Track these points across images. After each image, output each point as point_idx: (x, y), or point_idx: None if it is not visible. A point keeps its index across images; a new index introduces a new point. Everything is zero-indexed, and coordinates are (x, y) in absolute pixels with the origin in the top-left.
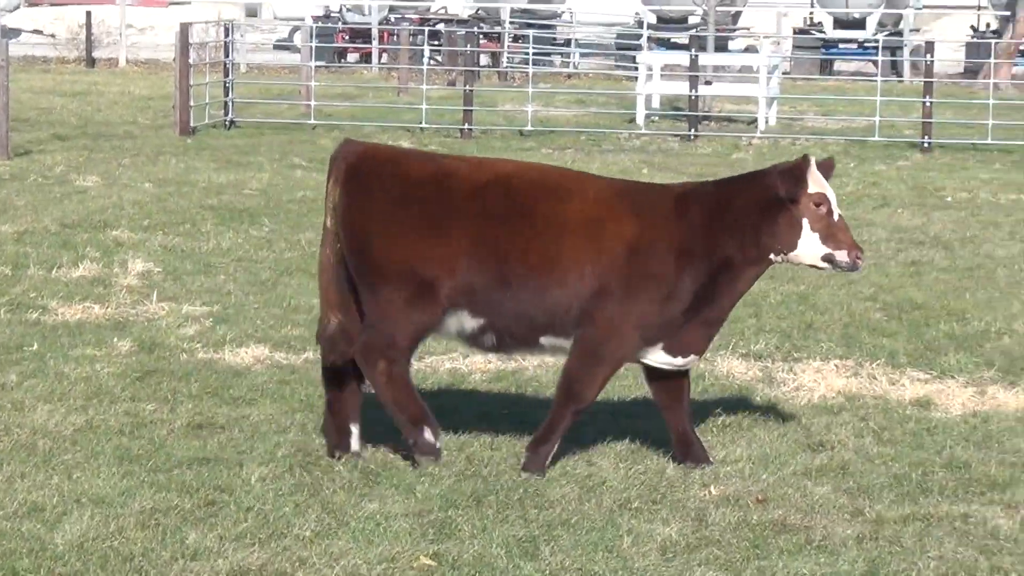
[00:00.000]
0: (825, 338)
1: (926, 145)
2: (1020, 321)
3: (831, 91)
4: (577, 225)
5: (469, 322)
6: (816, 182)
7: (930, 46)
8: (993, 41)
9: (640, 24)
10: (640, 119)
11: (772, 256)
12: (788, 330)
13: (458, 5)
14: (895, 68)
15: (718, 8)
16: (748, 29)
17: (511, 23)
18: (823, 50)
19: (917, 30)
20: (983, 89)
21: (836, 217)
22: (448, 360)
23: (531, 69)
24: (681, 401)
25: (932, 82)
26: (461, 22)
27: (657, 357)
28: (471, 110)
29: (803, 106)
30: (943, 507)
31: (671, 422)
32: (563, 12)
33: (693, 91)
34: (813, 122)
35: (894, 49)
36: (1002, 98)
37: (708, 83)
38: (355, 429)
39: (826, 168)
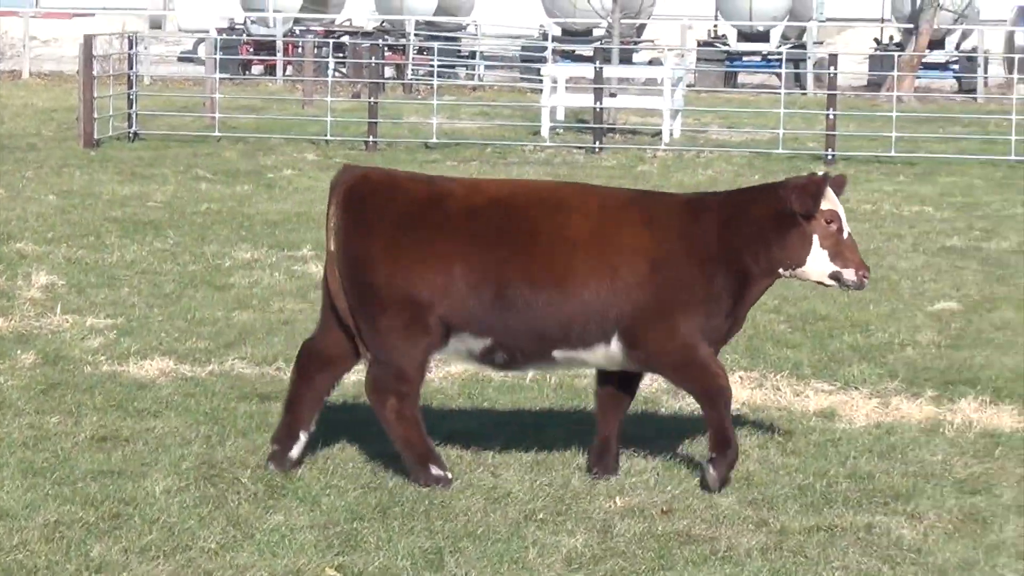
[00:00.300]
0: (730, 350)
1: (830, 158)
2: (923, 332)
3: (735, 104)
4: (586, 238)
5: (475, 343)
6: (828, 199)
7: (833, 59)
8: (896, 54)
9: (545, 36)
10: (545, 131)
11: (781, 270)
12: None
13: (363, 17)
14: (799, 81)
15: (622, 21)
16: (652, 42)
17: (416, 35)
18: (727, 63)
19: (821, 43)
20: (886, 102)
21: (846, 235)
22: (353, 373)
23: (436, 81)
24: (621, 411)
25: (836, 95)
26: (366, 34)
27: None
28: (376, 122)
29: (707, 118)
30: (847, 517)
31: (601, 427)
32: (468, 25)
33: (598, 103)
34: (717, 135)
35: (798, 62)
36: (905, 111)
37: (613, 95)
38: (303, 438)
39: (838, 184)
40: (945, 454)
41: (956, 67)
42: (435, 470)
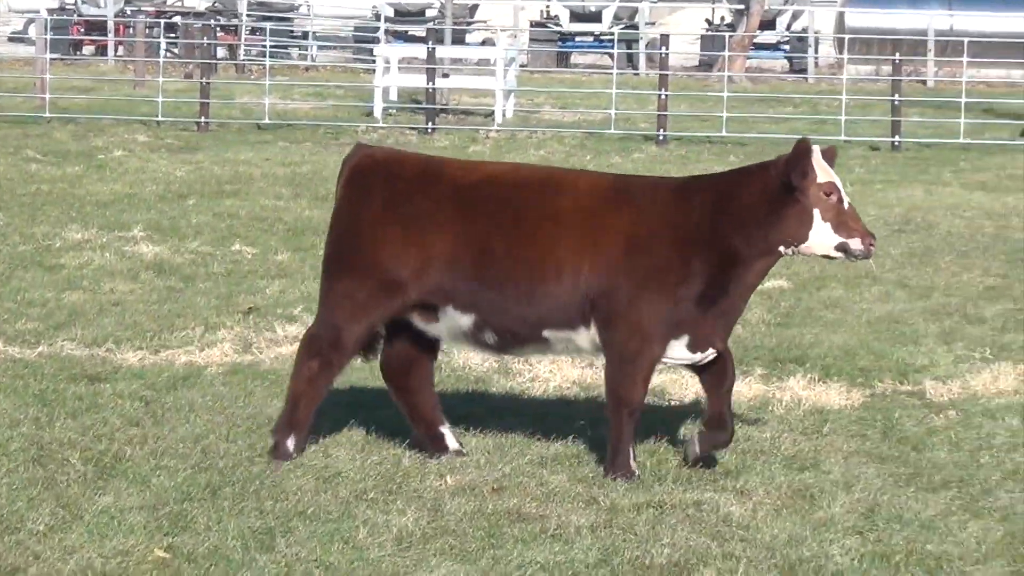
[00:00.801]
0: None
1: (662, 138)
2: (753, 311)
3: (568, 84)
4: (570, 220)
5: (462, 320)
6: (824, 171)
7: (665, 39)
8: (728, 34)
9: (378, 17)
10: (378, 112)
11: (782, 249)
12: None
13: None
14: (631, 61)
15: (455, 1)
16: (485, 22)
17: (248, 16)
18: (560, 43)
19: (653, 23)
20: (718, 82)
21: (846, 205)
22: (184, 354)
23: (268, 62)
24: (724, 385)
25: (667, 75)
26: (198, 15)
27: (678, 353)
28: (208, 103)
29: (540, 99)
30: (676, 495)
31: (712, 403)
32: (300, 5)
33: (430, 84)
34: (550, 115)
35: (630, 42)
36: (736, 91)
37: (446, 76)
38: (446, 430)
39: (829, 156)
40: (774, 431)
41: (787, 47)
42: (289, 443)
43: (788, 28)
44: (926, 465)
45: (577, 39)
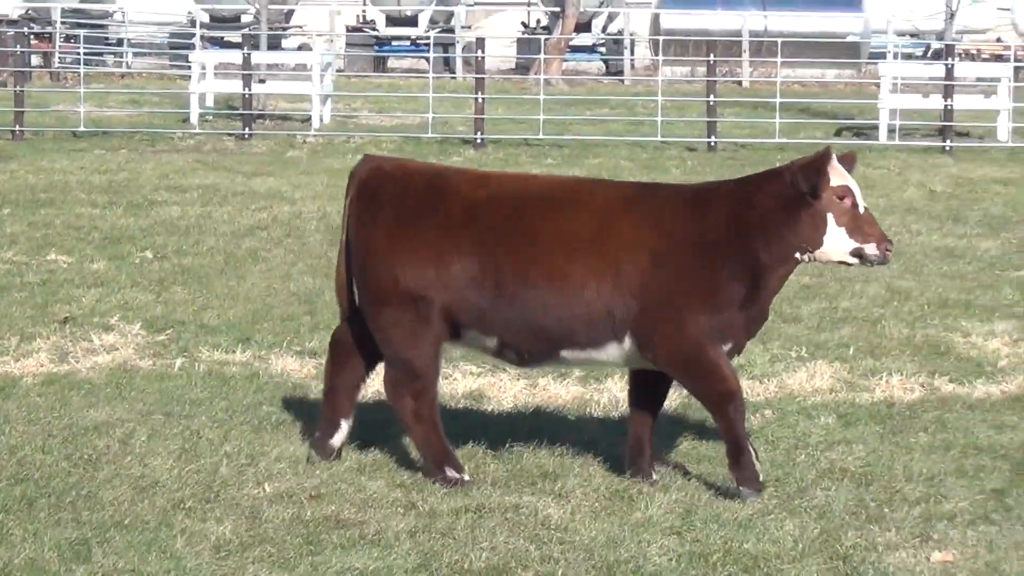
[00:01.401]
0: None
1: (479, 141)
2: None
3: (385, 88)
4: (589, 235)
5: (484, 340)
6: (838, 174)
7: (481, 43)
8: (543, 37)
9: (193, 23)
10: (194, 118)
11: (798, 255)
12: None
13: (8, 5)
14: (448, 65)
15: (270, 7)
16: (301, 27)
17: (62, 23)
18: (376, 48)
19: (469, 27)
20: (534, 85)
21: (862, 209)
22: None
23: (83, 69)
24: (653, 413)
25: (484, 78)
26: (11, 22)
27: None
28: (23, 111)
29: (357, 103)
30: (495, 498)
31: (635, 429)
32: (115, 11)
33: (247, 90)
34: (368, 119)
35: (446, 46)
36: (553, 93)
37: (262, 81)
38: (344, 427)
39: (848, 161)
40: (592, 434)
41: (603, 49)
42: (450, 472)
43: (604, 30)
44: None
45: (394, 43)
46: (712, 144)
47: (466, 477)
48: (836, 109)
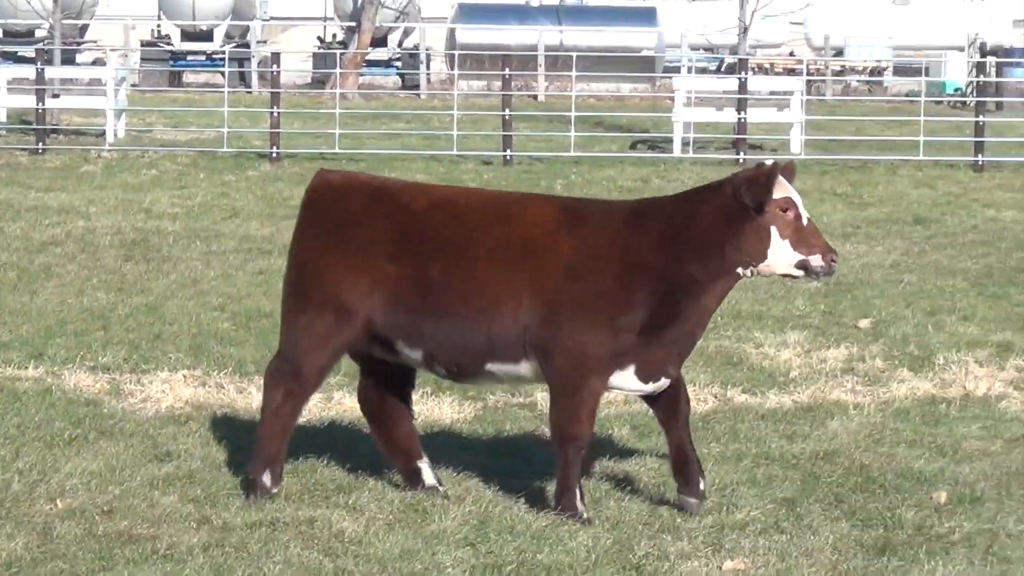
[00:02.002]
0: (174, 349)
1: (275, 155)
2: None
3: (180, 103)
4: (514, 250)
5: (411, 352)
6: (780, 187)
7: (277, 57)
8: (339, 52)
9: None
10: None
11: (740, 270)
12: (137, 342)
13: None
14: (243, 79)
15: (64, 21)
16: (95, 42)
17: None
18: (172, 62)
19: (265, 41)
20: (331, 99)
21: (805, 221)
22: None
23: None
24: (680, 419)
25: (279, 93)
26: None
27: (628, 383)
28: None
29: (152, 118)
30: (289, 512)
31: (670, 440)
32: None
33: (40, 104)
34: (163, 134)
35: (242, 60)
36: (349, 108)
37: (56, 96)
38: (424, 465)
39: (788, 172)
40: None
41: (399, 64)
42: (265, 478)
43: (400, 45)
44: (536, 476)
45: (189, 58)
46: (508, 158)
47: (274, 490)
48: (631, 122)
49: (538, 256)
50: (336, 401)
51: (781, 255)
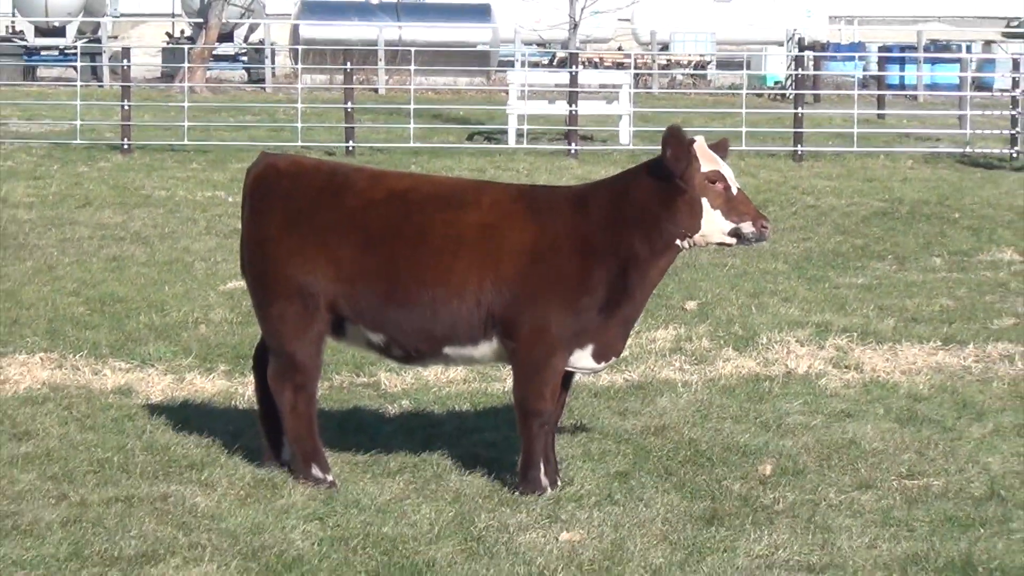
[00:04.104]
0: (30, 332)
1: (126, 147)
2: (216, 311)
3: (34, 96)
4: (472, 235)
5: (371, 336)
6: (708, 159)
7: (127, 52)
8: (187, 47)
9: None
10: None
11: (679, 242)
12: None
13: None
14: (95, 74)
15: None
16: None
17: None
18: (25, 57)
19: (115, 37)
20: (180, 92)
21: (735, 191)
22: None
23: None
24: (557, 419)
25: (130, 86)
26: None
27: (583, 362)
28: None
29: (6, 111)
30: (144, 488)
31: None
32: None
33: None
34: (17, 127)
35: (94, 55)
36: (197, 101)
37: None
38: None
39: (721, 148)
40: (237, 425)
41: (245, 59)
42: (316, 471)
43: (245, 40)
44: (382, 452)
45: (43, 53)
46: (350, 148)
47: (330, 478)
48: (468, 115)
49: (499, 241)
50: (188, 381)
51: (715, 224)
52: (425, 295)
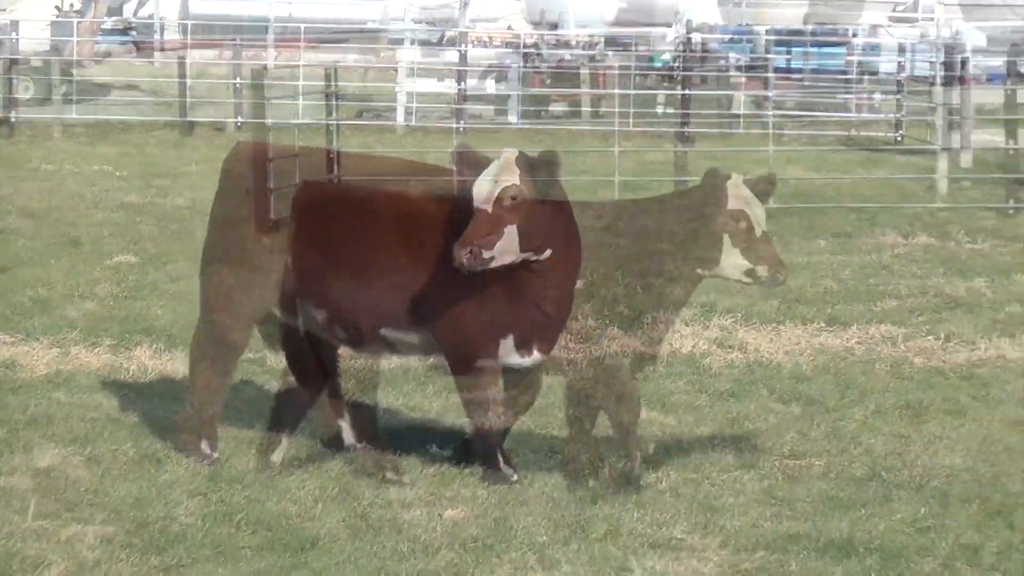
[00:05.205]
0: None
1: (13, 120)
2: (102, 285)
3: None
4: (405, 218)
5: (316, 313)
6: (737, 199)
7: (15, 25)
8: (76, 20)
9: None
10: None
11: (700, 271)
12: None
13: None
14: None
15: None
16: None
17: None
18: None
19: (3, 10)
20: (67, 65)
21: (758, 232)
22: None
23: None
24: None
25: (18, 59)
26: None
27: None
28: None
29: None
30: (26, 464)
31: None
32: None
33: None
34: None
35: None
36: (85, 75)
37: None
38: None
39: (763, 184)
40: (122, 400)
41: (135, 33)
42: (204, 445)
43: (135, 14)
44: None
45: None
46: (239, 124)
47: (215, 455)
48: (357, 92)
49: (425, 228)
50: (73, 356)
51: (733, 262)
52: (366, 275)
